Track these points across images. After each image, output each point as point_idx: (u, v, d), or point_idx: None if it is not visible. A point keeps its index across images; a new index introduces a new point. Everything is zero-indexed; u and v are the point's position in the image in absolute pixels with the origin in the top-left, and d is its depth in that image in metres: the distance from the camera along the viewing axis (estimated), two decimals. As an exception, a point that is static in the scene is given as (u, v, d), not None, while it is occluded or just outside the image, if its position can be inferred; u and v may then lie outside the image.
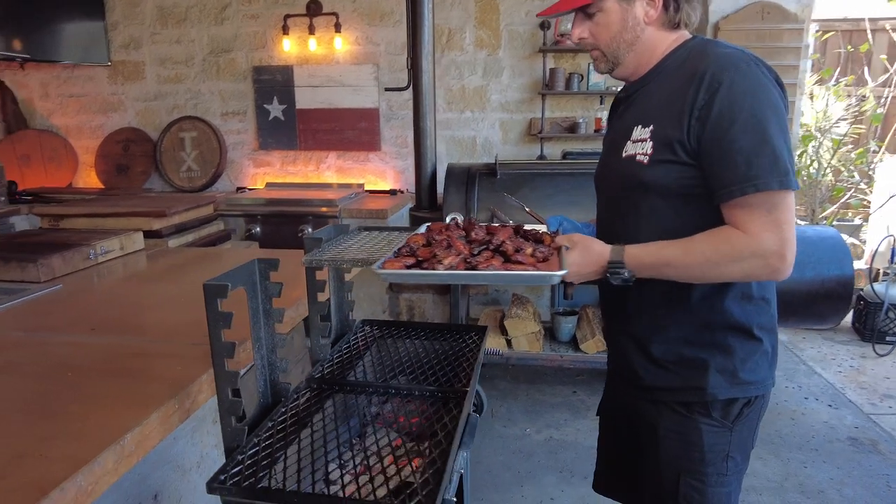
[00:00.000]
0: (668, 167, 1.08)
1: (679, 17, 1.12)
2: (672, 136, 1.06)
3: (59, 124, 4.55)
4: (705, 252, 1.03)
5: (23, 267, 1.77)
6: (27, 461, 0.84)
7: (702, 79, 1.03)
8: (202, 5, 4.18)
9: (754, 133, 0.99)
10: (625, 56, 1.15)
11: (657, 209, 1.12)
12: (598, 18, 1.13)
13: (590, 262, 1.10)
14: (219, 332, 0.94)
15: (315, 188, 4.17)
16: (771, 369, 1.17)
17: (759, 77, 1.02)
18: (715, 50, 1.08)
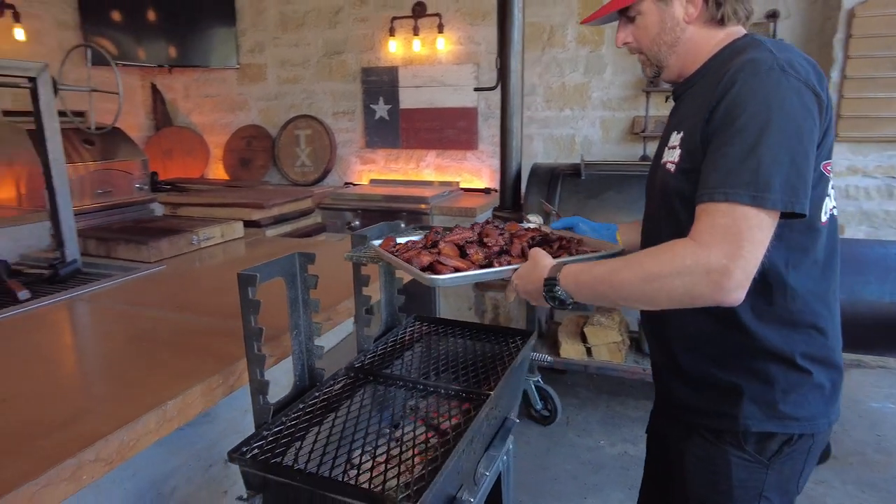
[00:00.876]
0: (690, 176, 1.00)
1: (722, 13, 1.04)
2: (696, 143, 1.00)
3: (196, 122, 5.10)
4: (645, 264, 0.94)
5: (137, 248, 2.03)
6: (87, 415, 0.98)
7: (719, 83, 0.96)
8: (318, 10, 4.47)
9: (746, 139, 0.89)
10: (667, 58, 1.10)
11: (683, 221, 1.04)
12: (638, 21, 1.10)
13: (532, 277, 1.07)
14: (249, 318, 1.03)
15: (414, 185, 4.30)
16: (827, 406, 1.05)
17: (778, 82, 0.92)
18: (748, 52, 0.99)
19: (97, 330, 1.47)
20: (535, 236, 1.29)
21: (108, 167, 3.84)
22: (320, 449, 1.00)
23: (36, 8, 4.12)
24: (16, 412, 1.00)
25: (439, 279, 1.08)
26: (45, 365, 1.22)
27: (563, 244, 1.25)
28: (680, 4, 1.05)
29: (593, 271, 1.00)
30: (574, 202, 2.58)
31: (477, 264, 1.15)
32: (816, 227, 1.01)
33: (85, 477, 0.87)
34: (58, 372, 1.18)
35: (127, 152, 4.01)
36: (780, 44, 1.01)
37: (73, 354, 1.29)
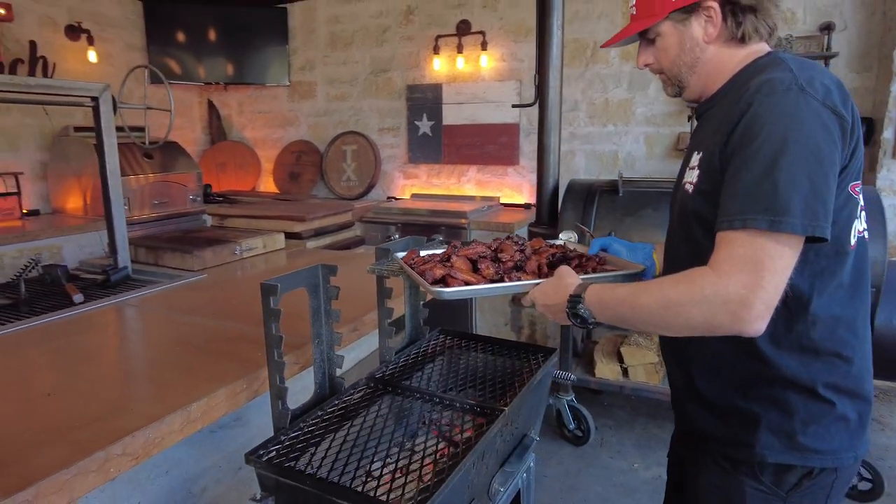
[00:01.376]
0: (709, 198, 0.98)
1: (743, 31, 1.02)
2: (713, 166, 0.98)
3: (248, 136, 5.33)
4: (663, 290, 0.92)
5: (182, 257, 2.15)
6: (119, 412, 1.05)
7: (738, 104, 0.94)
8: (366, 29, 4.61)
9: (763, 162, 0.87)
10: (688, 78, 1.09)
11: (703, 243, 1.02)
12: (658, 43, 1.09)
13: (556, 293, 1.06)
14: (270, 326, 1.07)
15: (454, 200, 4.35)
16: (853, 439, 1.00)
17: (797, 103, 0.89)
18: (768, 72, 0.96)
19: (138, 333, 1.57)
20: (554, 253, 1.28)
21: (166, 179, 4.06)
22: (333, 455, 1.04)
23: (108, 32, 4.42)
24: (58, 405, 1.08)
25: (445, 292, 1.09)
26: (89, 364, 1.31)
27: (581, 262, 1.25)
28: (699, 24, 1.04)
29: (616, 292, 0.99)
30: (611, 219, 2.55)
31: (487, 279, 1.15)
32: (845, 251, 0.97)
33: (112, 469, 0.93)
34: (99, 371, 1.27)
35: (183, 166, 4.24)
36: (804, 62, 0.98)
37: (114, 355, 1.37)
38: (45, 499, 0.83)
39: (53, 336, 1.48)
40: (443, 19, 4.30)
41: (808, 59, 1.05)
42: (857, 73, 3.32)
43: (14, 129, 3.90)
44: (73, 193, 3.88)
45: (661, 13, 1.05)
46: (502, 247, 1.26)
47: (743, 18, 1.02)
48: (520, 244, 1.32)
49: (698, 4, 1.03)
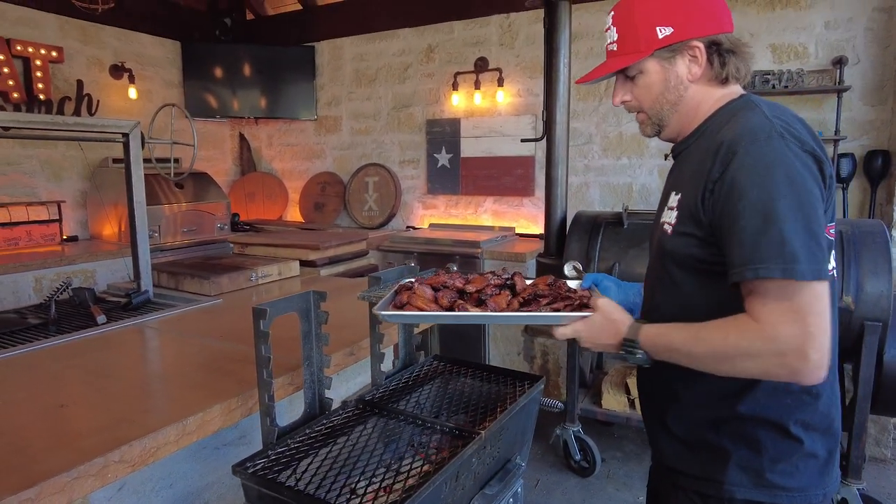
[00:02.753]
0: (687, 240, 1.02)
1: (726, 72, 1.05)
2: (692, 208, 1.00)
3: (277, 168, 5.55)
4: (714, 342, 0.93)
5: (200, 283, 2.28)
6: (123, 423, 1.14)
7: (718, 149, 0.97)
8: (389, 67, 4.81)
9: (761, 212, 0.89)
10: (669, 117, 1.10)
11: (679, 282, 1.06)
12: (639, 80, 1.09)
13: (607, 332, 1.06)
14: (260, 347, 1.16)
15: (471, 230, 4.44)
16: (822, 477, 1.01)
17: (780, 150, 0.91)
18: (745, 116, 0.99)
19: (151, 352, 1.68)
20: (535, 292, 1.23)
21: (196, 208, 4.27)
22: (316, 471, 1.11)
23: (148, 70, 4.73)
24: (69, 416, 1.19)
25: (383, 314, 1.14)
26: (103, 379, 1.41)
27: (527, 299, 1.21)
28: (684, 63, 1.05)
29: (671, 337, 0.98)
30: (615, 251, 2.60)
31: (441, 308, 1.17)
32: None
33: (110, 475, 1.02)
34: (110, 385, 1.37)
35: (213, 195, 4.46)
36: (773, 105, 1.02)
37: (126, 372, 1.48)
38: (47, 498, 0.93)
39: (75, 353, 1.60)
40: (461, 57, 4.46)
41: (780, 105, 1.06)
42: (872, 106, 3.31)
43: (59, 160, 4.17)
44: (108, 221, 4.11)
45: (647, 50, 1.05)
46: (474, 278, 1.28)
47: (726, 60, 1.05)
48: (503, 279, 1.29)
49: (684, 43, 1.04)
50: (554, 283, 1.29)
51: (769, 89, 3.36)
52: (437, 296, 1.19)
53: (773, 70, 3.39)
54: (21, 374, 1.44)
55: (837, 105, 3.30)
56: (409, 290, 1.23)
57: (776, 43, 3.48)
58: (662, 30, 1.03)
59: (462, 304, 1.15)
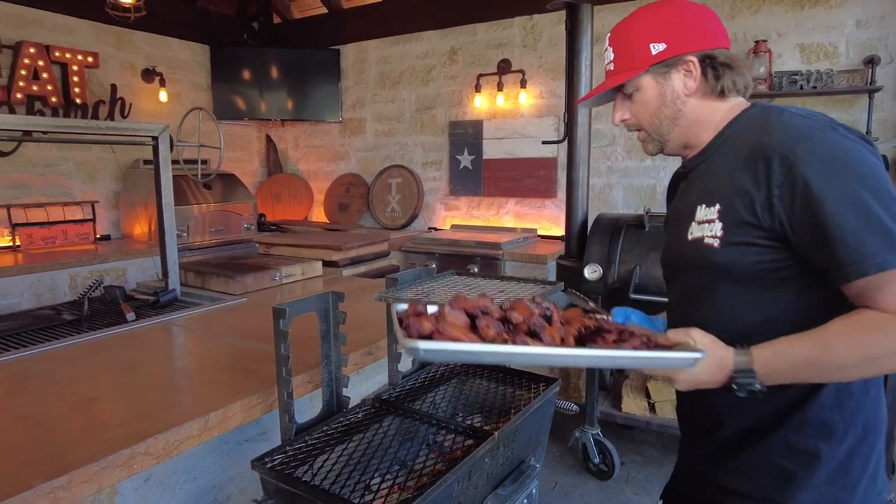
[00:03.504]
0: (744, 249, 0.97)
1: (721, 85, 1.05)
2: (745, 217, 0.96)
3: (302, 169, 5.64)
4: (853, 347, 0.88)
5: (226, 282, 2.34)
6: (147, 417, 1.19)
7: (769, 154, 0.93)
8: (413, 69, 4.85)
9: (852, 207, 0.87)
10: (669, 132, 1.10)
11: (735, 296, 1.01)
12: (636, 97, 1.10)
13: (712, 369, 0.93)
14: (279, 346, 1.20)
15: (492, 231, 4.45)
16: (877, 482, 0.99)
17: (840, 141, 0.91)
18: (780, 119, 0.98)
19: (176, 349, 1.73)
20: (588, 326, 0.99)
21: (224, 208, 4.37)
22: (333, 467, 1.14)
23: (177, 74, 4.85)
24: (98, 409, 1.24)
25: (422, 348, 0.84)
26: (131, 374, 1.47)
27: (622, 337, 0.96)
28: (679, 77, 1.06)
29: (792, 356, 0.91)
30: (636, 253, 2.58)
31: (485, 340, 0.90)
32: None
33: (136, 466, 1.06)
34: (137, 381, 1.43)
35: (240, 196, 4.55)
36: (795, 107, 1.01)
37: (152, 368, 1.53)
38: (77, 486, 0.97)
39: (105, 349, 1.66)
40: (484, 59, 4.47)
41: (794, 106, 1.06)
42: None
43: (93, 162, 4.31)
44: (139, 221, 4.24)
45: (642, 66, 1.06)
46: (515, 305, 1.00)
47: (721, 73, 1.05)
48: (543, 308, 1.00)
49: (678, 58, 1.05)
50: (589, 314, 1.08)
51: (797, 90, 3.29)
52: (479, 325, 0.93)
53: (800, 70, 3.32)
54: (55, 368, 1.51)
55: (869, 106, 3.22)
56: (419, 315, 0.96)
57: (805, 42, 3.41)
58: (656, 46, 1.05)
59: (522, 337, 0.90)
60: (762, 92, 3.39)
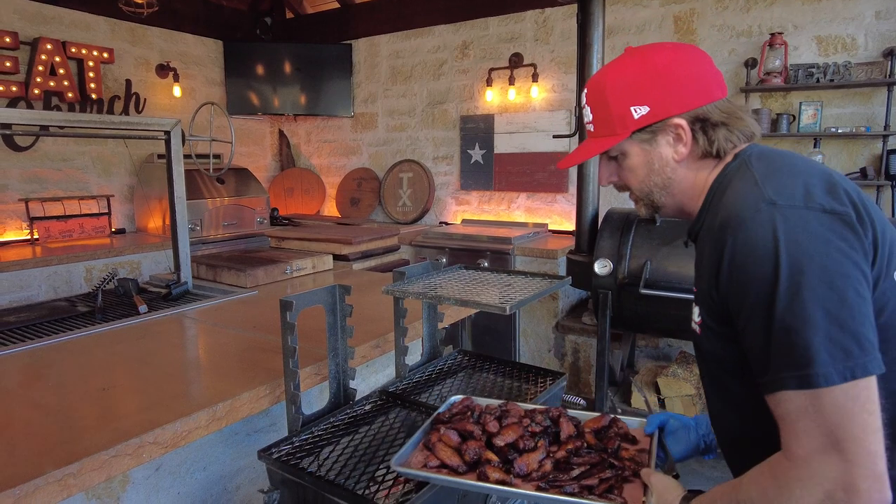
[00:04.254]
0: (715, 340, 0.91)
1: (715, 148, 0.93)
2: (709, 303, 0.89)
3: (315, 164, 5.67)
4: (755, 501, 0.77)
5: (237, 275, 2.36)
6: (156, 408, 1.21)
7: (711, 235, 0.86)
8: (424, 63, 4.84)
9: (763, 310, 0.76)
10: (660, 198, 1.00)
11: (729, 386, 0.94)
12: (622, 162, 1.01)
13: None
14: (286, 338, 1.21)
15: (503, 226, 4.44)
16: None
17: (773, 225, 0.77)
18: (734, 188, 0.87)
19: (187, 341, 1.76)
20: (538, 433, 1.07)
21: (237, 203, 4.41)
22: (335, 458, 1.15)
23: (191, 69, 4.89)
24: (109, 398, 1.26)
25: (399, 469, 0.99)
26: (142, 365, 1.49)
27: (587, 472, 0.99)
28: (667, 143, 0.95)
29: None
30: (647, 248, 2.56)
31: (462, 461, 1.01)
32: None
33: (145, 455, 1.08)
34: (148, 371, 1.45)
35: (253, 190, 4.59)
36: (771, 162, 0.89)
37: (163, 359, 1.55)
38: (88, 474, 0.99)
39: (118, 340, 1.69)
40: (496, 52, 4.45)
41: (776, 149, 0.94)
42: (926, 100, 3.16)
43: (109, 156, 4.37)
44: (154, 215, 4.29)
45: (623, 133, 0.96)
46: (508, 426, 1.08)
47: (714, 135, 0.93)
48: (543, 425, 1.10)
49: (664, 123, 0.94)
50: (609, 426, 1.11)
51: (813, 83, 3.24)
52: (462, 447, 1.03)
53: (817, 63, 3.27)
54: (70, 359, 1.54)
55: (888, 99, 3.16)
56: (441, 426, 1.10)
57: (822, 35, 3.35)
58: (638, 109, 0.94)
59: (486, 467, 0.98)
60: (777, 85, 3.35)
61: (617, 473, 0.97)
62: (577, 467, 0.98)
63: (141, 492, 1.36)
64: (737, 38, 3.56)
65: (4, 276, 3.14)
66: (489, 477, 0.96)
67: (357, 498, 1.00)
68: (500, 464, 1.00)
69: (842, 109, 3.33)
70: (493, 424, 1.09)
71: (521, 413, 1.15)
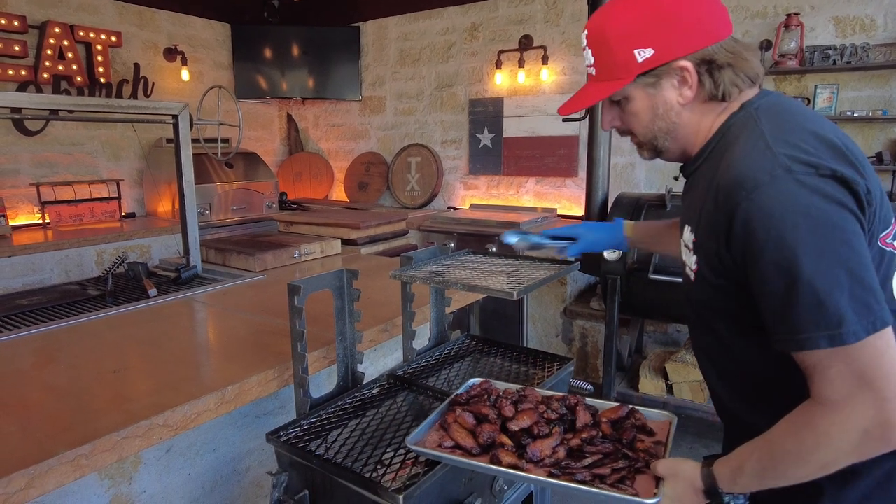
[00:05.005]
0: (714, 288, 0.90)
1: (721, 91, 0.92)
2: (712, 258, 0.88)
3: (323, 148, 5.65)
4: (792, 452, 0.80)
5: (246, 259, 2.37)
6: (166, 390, 1.22)
7: (717, 193, 0.85)
8: (433, 46, 4.79)
9: (784, 272, 0.77)
10: (664, 143, 0.99)
11: (723, 335, 0.94)
12: (625, 106, 0.98)
13: (688, 493, 0.90)
14: (294, 322, 1.21)
15: (512, 210, 4.42)
16: None
17: (790, 191, 0.78)
18: (744, 147, 0.86)
19: (196, 324, 1.77)
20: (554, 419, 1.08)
21: (246, 187, 4.41)
22: (342, 440, 1.16)
23: (199, 53, 4.87)
24: (121, 381, 1.28)
25: (413, 447, 1.02)
26: (152, 348, 1.51)
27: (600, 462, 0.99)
28: (672, 86, 0.93)
29: (746, 470, 0.86)
30: (657, 234, 2.54)
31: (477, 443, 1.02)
32: None
33: (155, 437, 1.10)
34: (158, 354, 1.46)
35: (262, 174, 4.59)
36: (779, 119, 0.88)
37: (172, 342, 1.57)
38: (99, 455, 1.01)
39: (128, 323, 1.71)
40: (506, 35, 4.40)
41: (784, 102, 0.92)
42: (945, 83, 3.09)
43: (118, 140, 4.38)
44: (163, 199, 4.30)
45: (627, 77, 0.93)
46: (523, 411, 1.09)
47: (720, 77, 0.91)
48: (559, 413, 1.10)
49: (669, 65, 0.91)
50: (626, 417, 1.10)
51: (829, 65, 3.18)
52: (476, 429, 1.05)
53: (834, 44, 3.20)
54: (82, 341, 1.55)
55: (906, 81, 3.10)
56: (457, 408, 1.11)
57: (840, 15, 3.28)
58: (642, 52, 0.90)
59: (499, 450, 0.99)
60: (792, 68, 3.28)
61: (630, 464, 0.96)
62: (589, 456, 0.98)
63: (153, 472, 1.38)
64: (751, 19, 3.48)
65: (17, 259, 3.17)
66: (501, 461, 0.97)
67: (364, 480, 1.00)
68: (514, 448, 1.01)
69: (858, 92, 3.26)
70: (508, 409, 1.10)
71: (539, 399, 1.15)
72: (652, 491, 0.91)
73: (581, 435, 1.04)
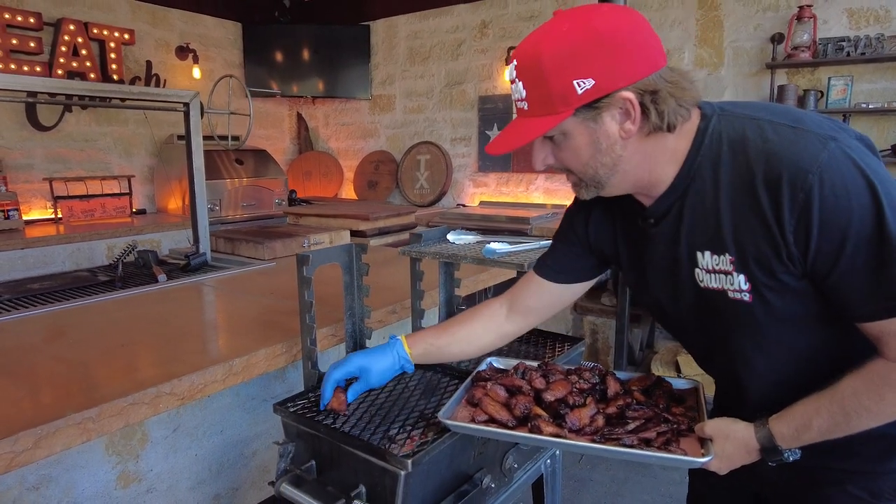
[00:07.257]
0: (775, 298, 0.86)
1: (666, 122, 0.85)
2: (768, 262, 0.84)
3: (333, 147, 5.67)
4: (871, 407, 0.82)
5: (255, 247, 2.37)
6: (175, 362, 1.21)
7: (777, 187, 0.79)
8: (443, 44, 4.80)
9: (874, 243, 0.77)
10: (608, 180, 0.91)
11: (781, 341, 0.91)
12: (561, 143, 0.90)
13: (739, 454, 0.91)
14: (303, 292, 1.20)
15: (522, 207, 4.40)
16: None
17: (845, 160, 0.78)
18: (767, 138, 0.82)
19: (205, 305, 1.77)
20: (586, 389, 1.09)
21: (256, 184, 4.43)
22: (350, 412, 1.14)
23: (211, 51, 4.91)
24: (128, 353, 1.27)
25: (447, 423, 1.01)
26: (160, 325, 1.50)
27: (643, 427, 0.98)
28: (612, 120, 0.85)
29: (812, 430, 0.86)
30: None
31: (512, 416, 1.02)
32: None
33: (161, 405, 1.09)
34: (166, 331, 1.46)
35: (272, 172, 4.61)
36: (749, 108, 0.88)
37: (180, 321, 1.57)
38: (106, 419, 1.00)
39: (137, 305, 1.71)
40: (515, 31, 4.40)
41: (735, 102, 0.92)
42: (962, 74, 3.05)
43: (130, 137, 4.42)
44: (173, 195, 4.33)
45: (566, 111, 0.85)
46: (555, 383, 1.09)
47: (664, 106, 0.84)
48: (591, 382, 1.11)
49: (610, 97, 0.83)
50: (656, 384, 1.11)
51: (843, 57, 3.14)
52: (510, 401, 1.04)
53: (847, 36, 3.17)
54: (91, 320, 1.56)
55: (922, 73, 3.06)
56: (485, 383, 1.11)
57: (853, 7, 3.24)
58: (582, 83, 0.82)
59: (538, 420, 0.99)
60: (805, 60, 3.25)
61: (672, 427, 0.96)
62: (632, 421, 0.98)
63: (159, 450, 1.38)
64: (763, 12, 3.46)
65: (30, 252, 3.20)
66: (543, 430, 0.96)
67: (371, 447, 0.99)
68: (550, 419, 1.00)
69: (873, 84, 3.22)
70: (539, 381, 1.09)
71: (563, 372, 1.14)
72: (700, 451, 0.91)
73: (616, 403, 1.04)
